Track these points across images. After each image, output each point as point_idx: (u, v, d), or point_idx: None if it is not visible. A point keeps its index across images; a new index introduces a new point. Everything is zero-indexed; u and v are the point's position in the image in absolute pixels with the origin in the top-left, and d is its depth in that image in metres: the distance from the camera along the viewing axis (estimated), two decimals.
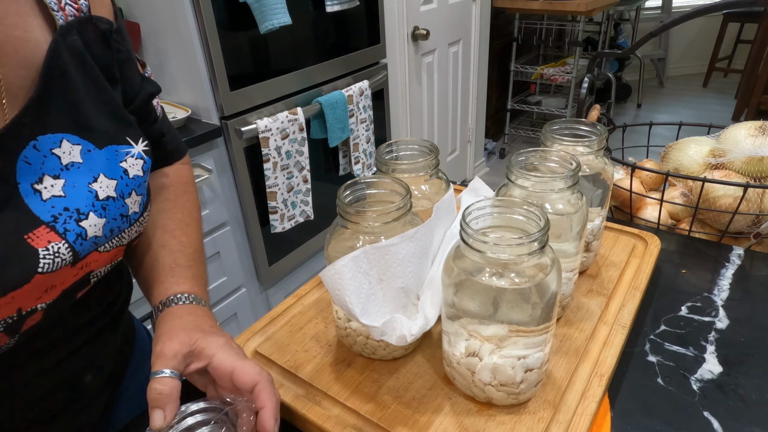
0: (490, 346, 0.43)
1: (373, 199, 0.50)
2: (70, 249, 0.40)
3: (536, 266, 0.41)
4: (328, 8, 1.57)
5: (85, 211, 0.41)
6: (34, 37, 0.40)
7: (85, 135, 0.42)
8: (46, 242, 0.39)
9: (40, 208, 0.39)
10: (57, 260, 0.39)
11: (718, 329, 0.57)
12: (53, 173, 0.40)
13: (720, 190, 0.76)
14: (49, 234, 0.39)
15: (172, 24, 1.31)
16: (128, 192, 0.45)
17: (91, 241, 0.42)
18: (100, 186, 0.42)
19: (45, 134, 0.40)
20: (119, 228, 0.45)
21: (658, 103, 4.08)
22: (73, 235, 0.40)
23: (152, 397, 0.41)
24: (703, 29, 4.34)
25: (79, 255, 0.41)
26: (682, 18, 0.88)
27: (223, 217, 1.51)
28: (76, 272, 0.42)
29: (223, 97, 1.38)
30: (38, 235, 0.39)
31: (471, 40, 2.57)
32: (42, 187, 0.39)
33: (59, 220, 0.40)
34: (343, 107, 1.67)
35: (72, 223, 0.40)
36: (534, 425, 0.44)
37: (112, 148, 0.44)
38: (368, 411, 0.47)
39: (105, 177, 0.43)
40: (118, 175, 0.44)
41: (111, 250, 0.45)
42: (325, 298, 0.62)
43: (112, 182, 0.43)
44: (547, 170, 0.52)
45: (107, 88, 0.45)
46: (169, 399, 0.41)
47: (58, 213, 0.40)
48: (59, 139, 0.40)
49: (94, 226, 0.42)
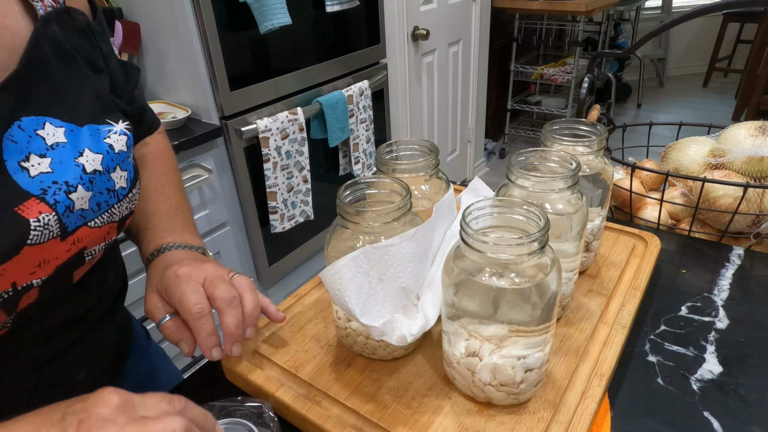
0: (490, 346, 0.43)
1: (373, 199, 0.50)
2: (58, 221, 0.41)
3: (536, 266, 0.41)
4: (328, 8, 1.57)
5: (74, 184, 0.42)
6: (13, 24, 0.41)
7: (67, 119, 0.43)
8: (36, 213, 0.39)
9: (28, 184, 0.40)
10: (45, 232, 0.40)
11: (718, 329, 0.57)
12: (39, 152, 0.41)
13: (720, 190, 0.76)
14: (40, 205, 0.40)
15: (172, 24, 1.31)
16: (113, 167, 0.46)
17: (77, 213, 0.42)
18: (87, 160, 0.43)
19: (28, 116, 0.41)
20: (107, 203, 0.45)
21: (658, 103, 4.08)
22: (62, 207, 0.41)
23: (168, 336, 0.49)
24: (703, 29, 4.34)
25: (66, 228, 0.42)
26: (682, 18, 0.88)
27: (223, 217, 1.51)
28: (68, 247, 0.43)
29: (223, 97, 1.38)
30: (28, 206, 0.39)
31: (471, 40, 2.57)
32: (29, 165, 0.40)
33: (48, 192, 0.40)
34: (343, 107, 1.67)
35: (62, 195, 0.41)
36: (534, 425, 0.44)
37: (94, 127, 0.45)
38: (368, 411, 0.47)
39: (90, 151, 0.44)
40: (104, 149, 0.45)
41: (102, 227, 0.46)
42: (325, 298, 0.62)
43: (98, 156, 0.44)
44: (547, 170, 0.52)
45: (89, 76, 0.46)
46: (178, 331, 0.48)
47: (47, 186, 0.40)
48: (42, 122, 0.41)
49: (81, 198, 0.43)
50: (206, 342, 0.47)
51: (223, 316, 0.48)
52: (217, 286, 0.48)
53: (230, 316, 0.48)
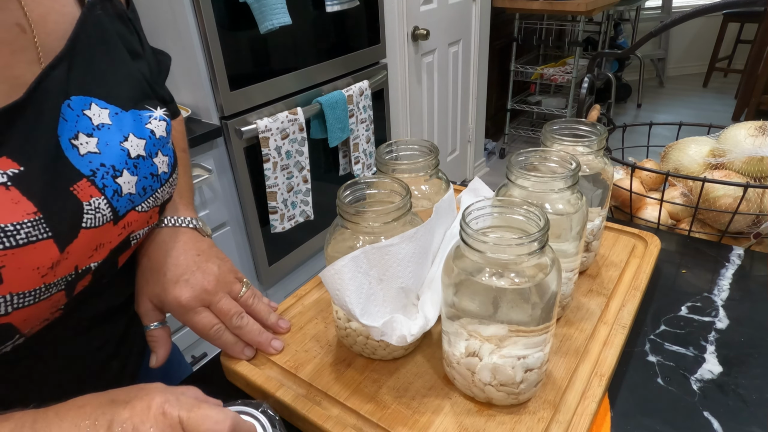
0: (490, 346, 0.43)
1: (373, 199, 0.50)
2: (109, 205, 0.42)
3: (536, 266, 0.41)
4: (328, 8, 1.57)
5: (119, 168, 0.43)
6: (69, 11, 0.44)
7: (112, 101, 0.45)
8: (88, 196, 0.41)
9: (79, 162, 0.41)
10: (98, 216, 0.42)
11: (718, 329, 0.57)
12: (87, 132, 0.42)
13: (720, 190, 0.76)
14: (90, 188, 0.41)
15: (172, 24, 1.31)
16: (155, 152, 0.48)
17: (126, 198, 0.44)
18: (131, 145, 0.45)
19: (77, 95, 0.42)
20: (151, 187, 0.47)
21: (658, 103, 4.08)
22: (111, 191, 0.42)
23: (150, 342, 0.52)
24: (703, 29, 4.34)
25: (118, 212, 0.43)
26: (682, 18, 0.88)
27: (223, 217, 1.51)
28: (119, 231, 0.45)
29: (223, 97, 1.38)
30: (81, 188, 0.41)
31: (471, 40, 2.57)
32: (78, 143, 0.41)
33: (97, 175, 0.42)
34: (343, 107, 1.67)
35: (109, 179, 0.42)
36: (534, 425, 0.44)
37: (136, 112, 0.47)
38: (368, 411, 0.47)
39: (134, 137, 0.45)
40: (146, 135, 0.47)
41: (148, 211, 0.48)
42: (325, 298, 0.62)
43: (141, 141, 0.46)
44: (547, 170, 0.52)
45: (129, 62, 0.48)
46: (162, 342, 0.51)
47: (96, 168, 0.42)
48: (89, 102, 0.43)
49: (128, 183, 0.44)
50: (234, 349, 0.52)
51: (243, 335, 0.52)
52: (225, 313, 0.52)
53: (248, 332, 0.52)
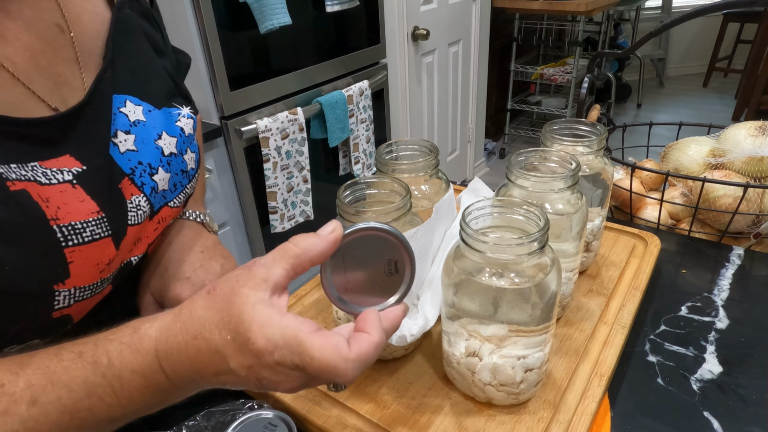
0: (490, 346, 0.43)
1: (373, 199, 0.50)
2: (148, 202, 0.44)
3: (536, 266, 0.41)
4: (328, 8, 1.57)
5: (155, 166, 0.45)
6: (100, 11, 0.46)
7: (144, 98, 0.46)
8: (129, 195, 0.42)
9: (120, 160, 0.42)
10: (140, 213, 0.43)
11: (718, 329, 0.57)
12: (124, 129, 0.43)
13: (720, 190, 0.76)
14: (131, 187, 0.42)
15: (172, 24, 1.31)
16: (185, 149, 0.49)
17: (161, 194, 0.45)
18: (164, 143, 0.46)
19: (116, 94, 0.44)
20: (181, 183, 0.49)
21: (658, 103, 4.08)
22: (149, 188, 0.44)
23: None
24: (703, 29, 4.33)
25: (153, 208, 0.45)
26: (682, 18, 0.88)
27: (223, 217, 1.51)
28: (155, 226, 0.46)
29: (223, 97, 1.38)
30: (125, 186, 0.42)
31: (471, 40, 2.57)
32: (118, 141, 0.42)
33: (136, 173, 0.43)
34: (343, 107, 1.67)
35: (146, 177, 0.44)
36: (534, 425, 0.44)
37: (167, 110, 0.48)
38: (368, 411, 0.47)
39: (167, 135, 0.47)
40: (177, 133, 0.48)
41: (179, 206, 0.49)
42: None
43: (173, 140, 0.47)
44: (547, 170, 0.52)
45: (156, 59, 0.50)
46: None
47: (134, 166, 0.43)
48: (124, 100, 0.44)
49: (163, 180, 0.45)
50: None
51: None
52: None
53: None
